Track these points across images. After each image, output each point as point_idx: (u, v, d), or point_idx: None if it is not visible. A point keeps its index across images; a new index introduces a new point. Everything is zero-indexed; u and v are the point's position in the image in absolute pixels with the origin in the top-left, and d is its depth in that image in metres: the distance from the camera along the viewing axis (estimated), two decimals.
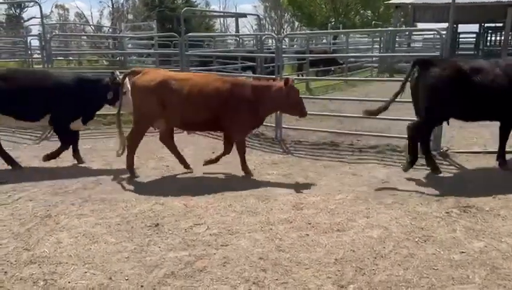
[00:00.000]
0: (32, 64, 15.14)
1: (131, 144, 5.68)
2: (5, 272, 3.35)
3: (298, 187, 5.21)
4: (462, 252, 3.65)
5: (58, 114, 5.96)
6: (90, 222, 4.26)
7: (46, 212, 4.48)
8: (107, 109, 6.62)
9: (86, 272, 3.33)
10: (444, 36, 6.25)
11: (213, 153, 6.73)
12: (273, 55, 8.45)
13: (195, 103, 5.38)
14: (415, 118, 6.12)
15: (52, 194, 5.02)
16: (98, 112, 6.39)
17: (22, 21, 35.17)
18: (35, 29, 28.83)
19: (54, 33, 17.60)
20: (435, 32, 18.86)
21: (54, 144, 7.28)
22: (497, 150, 6.19)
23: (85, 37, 22.51)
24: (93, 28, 28.85)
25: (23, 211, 4.50)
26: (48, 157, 6.07)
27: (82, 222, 4.24)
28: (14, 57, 17.14)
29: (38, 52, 16.88)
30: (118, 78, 5.97)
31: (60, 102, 5.88)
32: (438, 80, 5.22)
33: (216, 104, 5.40)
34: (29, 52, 15.27)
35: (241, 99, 5.43)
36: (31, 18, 34.76)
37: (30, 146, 7.24)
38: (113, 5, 28.77)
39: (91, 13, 46.25)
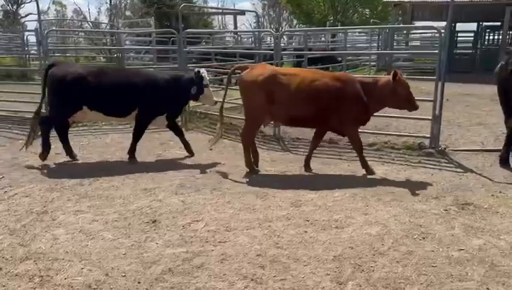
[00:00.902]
0: (29, 60, 15.08)
1: (245, 141, 5.68)
2: (0, 268, 3.31)
3: (296, 184, 5.18)
4: (461, 249, 3.63)
5: (145, 111, 6.06)
6: (87, 218, 4.22)
7: (42, 208, 4.44)
8: None
9: (82, 269, 3.30)
10: (443, 34, 6.23)
11: (210, 149, 6.72)
12: (272, 52, 8.42)
13: (305, 98, 5.32)
14: (413, 116, 6.15)
15: (48, 190, 4.98)
16: None
17: (19, 17, 35.00)
18: (32, 26, 28.74)
19: (52, 29, 17.49)
20: (434, 30, 18.92)
21: (51, 140, 7.26)
22: (495, 148, 6.23)
23: (82, 34, 22.39)
24: (90, 24, 28.73)
25: (19, 207, 4.46)
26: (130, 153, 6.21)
27: (79, 218, 4.21)
28: (11, 52, 17.05)
29: (35, 48, 16.85)
30: (202, 74, 6.03)
31: (148, 99, 5.99)
32: None
33: (326, 99, 5.32)
34: (26, 48, 15.19)
35: (352, 95, 5.34)
36: (27, 14, 34.64)
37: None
38: (111, 2, 28.68)
39: (89, 10, 45.91)
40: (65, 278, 3.18)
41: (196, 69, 6.19)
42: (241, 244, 3.70)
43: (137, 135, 6.22)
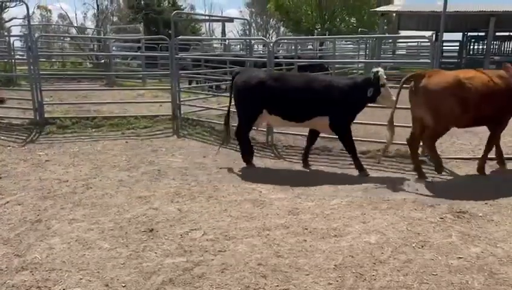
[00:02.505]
0: (15, 65, 14.86)
1: (431, 144, 5.78)
2: None
3: (292, 192, 5.18)
4: (460, 257, 3.66)
5: (337, 117, 5.91)
6: (83, 227, 4.15)
7: (36, 216, 4.35)
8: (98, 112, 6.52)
9: (81, 279, 3.23)
10: (435, 44, 6.33)
11: (204, 157, 6.69)
12: (264, 60, 8.44)
13: (489, 100, 5.43)
14: (404, 124, 6.22)
15: (40, 198, 4.89)
16: (86, 116, 6.29)
17: (3, 22, 34.50)
18: (17, 30, 28.35)
19: (37, 34, 17.27)
20: (420, 40, 19.28)
21: (40, 146, 7.17)
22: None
23: (69, 39, 22.18)
24: (77, 29, 28.48)
25: (11, 216, 4.37)
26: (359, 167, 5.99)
27: (74, 227, 4.13)
28: None
29: (21, 53, 16.60)
30: (379, 74, 5.78)
31: (334, 105, 5.84)
32: None
33: (505, 98, 5.49)
34: (12, 53, 14.95)
35: None
36: (12, 19, 34.18)
37: (15, 149, 7.05)
38: (98, 7, 28.48)
39: (75, 15, 45.63)
40: (63, 289, 3.11)
41: (374, 69, 5.87)
42: (241, 253, 3.67)
43: (350, 147, 6.01)
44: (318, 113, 5.93)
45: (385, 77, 5.74)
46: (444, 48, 22.01)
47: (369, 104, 6.00)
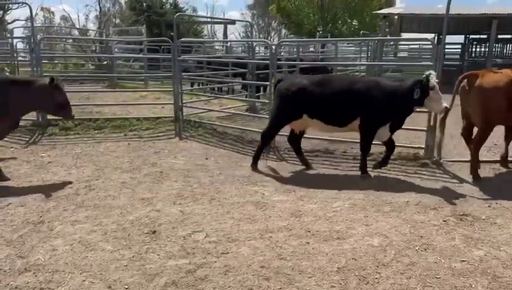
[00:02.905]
0: (17, 67, 14.87)
1: (478, 147, 5.82)
2: None
3: (295, 194, 5.17)
4: (463, 260, 3.65)
5: (369, 120, 5.74)
6: (85, 228, 4.15)
7: (38, 218, 4.36)
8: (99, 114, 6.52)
9: (84, 281, 3.23)
10: (439, 46, 6.32)
11: (206, 159, 6.69)
12: (266, 62, 8.45)
13: None
14: (407, 127, 6.20)
15: (43, 199, 4.89)
16: (88, 117, 6.30)
17: (5, 23, 34.61)
18: (19, 32, 28.41)
19: (40, 36, 17.30)
20: (421, 42, 19.27)
21: (42, 148, 7.18)
22: (488, 159, 6.30)
23: (72, 41, 22.23)
24: (79, 31, 28.54)
25: (14, 217, 4.37)
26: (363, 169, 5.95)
27: (77, 229, 4.14)
28: None
29: (23, 54, 16.63)
30: (430, 77, 5.54)
31: (372, 107, 5.66)
32: None
33: None
34: (15, 54, 14.97)
35: None
36: (14, 20, 34.30)
37: (18, 150, 7.06)
38: (100, 9, 28.55)
39: (78, 17, 45.77)
40: None
41: (426, 72, 5.60)
42: (244, 256, 3.67)
43: (365, 148, 5.92)
44: (360, 116, 5.77)
45: (437, 80, 5.52)
46: (445, 50, 22.02)
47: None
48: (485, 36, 20.22)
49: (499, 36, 19.45)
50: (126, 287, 3.18)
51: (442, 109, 5.60)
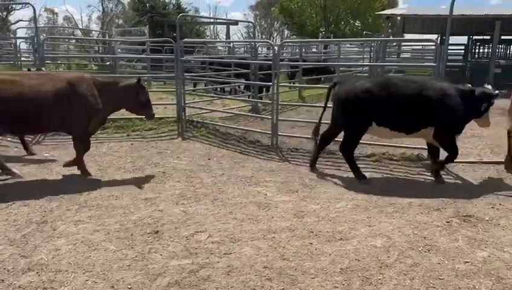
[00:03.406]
0: (21, 67, 14.93)
1: None
2: (2, 280, 3.24)
3: (298, 195, 5.17)
4: (466, 262, 3.64)
5: (444, 128, 5.54)
6: (88, 228, 4.15)
7: (42, 218, 4.36)
8: None
9: (87, 281, 3.24)
10: (442, 47, 6.31)
11: (209, 159, 6.69)
12: (269, 62, 8.45)
13: None
14: None
15: (46, 199, 4.89)
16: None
17: (9, 24, 34.75)
18: (22, 32, 28.52)
19: (43, 36, 17.37)
20: (424, 43, 19.23)
21: (46, 148, 7.19)
22: (491, 160, 6.28)
23: (75, 41, 22.29)
24: (82, 32, 28.62)
25: (18, 217, 4.38)
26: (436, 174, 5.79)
27: (80, 229, 4.14)
28: (1, 60, 16.84)
29: (26, 55, 16.70)
30: (491, 91, 5.54)
31: (445, 114, 5.45)
32: None
33: None
34: (18, 55, 15.05)
35: None
36: (18, 21, 34.42)
37: (21, 150, 7.06)
38: (103, 10, 28.61)
39: (81, 17, 45.92)
40: None
41: (487, 85, 5.63)
42: (247, 256, 3.67)
43: (453, 155, 5.72)
44: (430, 123, 5.54)
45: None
46: (448, 51, 21.97)
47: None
48: (488, 37, 20.14)
49: (502, 37, 19.36)
50: (129, 287, 3.18)
51: (489, 123, 5.61)
